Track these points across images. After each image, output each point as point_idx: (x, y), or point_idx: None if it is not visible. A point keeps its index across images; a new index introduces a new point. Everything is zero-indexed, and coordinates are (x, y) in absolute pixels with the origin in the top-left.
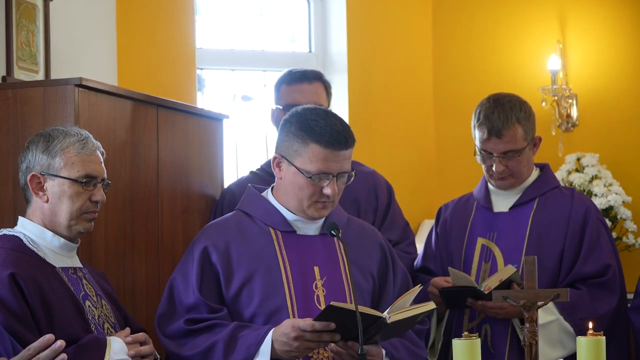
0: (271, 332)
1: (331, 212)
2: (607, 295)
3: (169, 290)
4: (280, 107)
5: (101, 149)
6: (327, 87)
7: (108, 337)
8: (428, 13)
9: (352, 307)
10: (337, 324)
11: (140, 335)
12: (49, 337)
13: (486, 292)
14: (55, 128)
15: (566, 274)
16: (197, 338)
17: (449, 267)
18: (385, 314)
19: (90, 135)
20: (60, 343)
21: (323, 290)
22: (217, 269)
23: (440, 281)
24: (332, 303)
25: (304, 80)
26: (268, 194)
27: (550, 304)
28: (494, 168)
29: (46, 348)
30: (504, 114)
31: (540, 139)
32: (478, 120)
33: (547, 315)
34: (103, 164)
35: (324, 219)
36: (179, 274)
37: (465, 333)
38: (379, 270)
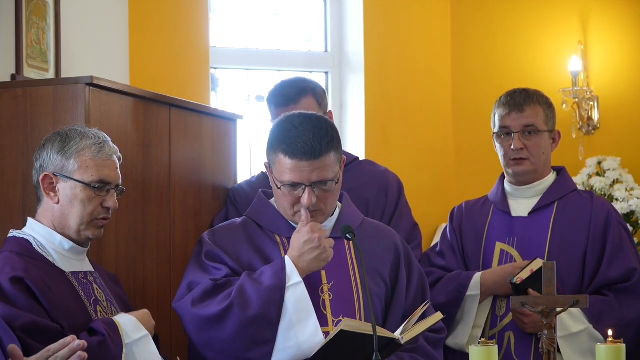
0: (286, 257)
1: (345, 214)
2: (634, 301)
3: (187, 286)
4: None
5: (118, 153)
6: (317, 96)
7: (114, 318)
8: (447, 12)
9: (365, 330)
10: (348, 347)
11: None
12: (69, 339)
13: (518, 283)
14: (73, 128)
15: (590, 279)
16: (222, 292)
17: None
18: (397, 335)
19: (109, 139)
20: (79, 342)
21: (330, 295)
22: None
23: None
24: (343, 328)
25: (289, 104)
26: (274, 200)
27: (579, 313)
28: (512, 146)
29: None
30: (526, 93)
31: (559, 134)
32: (499, 102)
33: (577, 324)
34: (119, 169)
35: (333, 223)
36: (194, 272)
37: (483, 340)
38: (391, 273)
